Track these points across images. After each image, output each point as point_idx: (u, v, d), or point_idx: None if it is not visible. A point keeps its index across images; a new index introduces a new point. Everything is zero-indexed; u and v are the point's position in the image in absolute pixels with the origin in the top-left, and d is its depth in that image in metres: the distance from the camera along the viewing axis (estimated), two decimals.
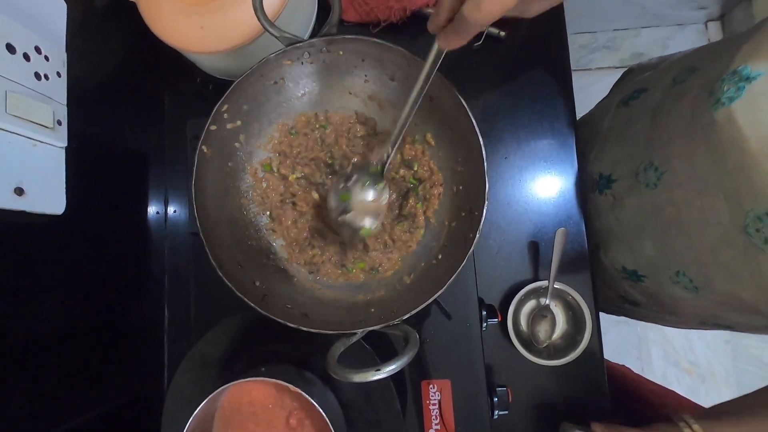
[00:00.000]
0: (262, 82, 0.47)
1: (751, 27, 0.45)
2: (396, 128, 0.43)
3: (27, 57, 0.41)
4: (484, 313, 0.55)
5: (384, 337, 0.53)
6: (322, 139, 0.51)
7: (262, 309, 0.41)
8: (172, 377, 0.54)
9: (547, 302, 0.58)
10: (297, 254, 0.50)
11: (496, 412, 0.53)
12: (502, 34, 0.61)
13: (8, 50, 0.39)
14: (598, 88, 1.46)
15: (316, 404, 0.42)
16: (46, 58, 0.43)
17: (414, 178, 0.50)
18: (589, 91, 1.46)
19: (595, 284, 0.60)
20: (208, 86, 0.63)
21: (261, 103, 0.48)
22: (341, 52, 0.47)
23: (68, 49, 0.46)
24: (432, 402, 0.53)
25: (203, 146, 0.44)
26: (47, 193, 0.42)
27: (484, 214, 0.42)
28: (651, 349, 1.41)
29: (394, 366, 0.35)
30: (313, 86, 0.50)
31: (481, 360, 0.54)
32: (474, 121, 0.43)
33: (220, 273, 0.42)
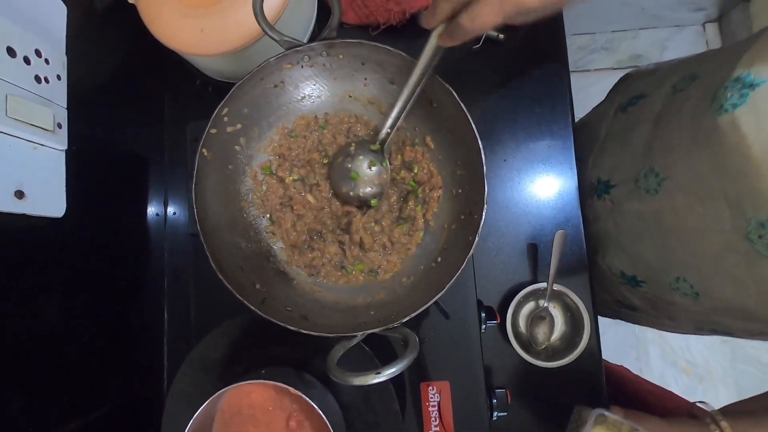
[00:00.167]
0: (263, 85, 0.47)
1: (752, 35, 0.45)
2: (395, 108, 0.45)
3: (27, 60, 0.41)
4: (483, 315, 0.55)
5: (383, 339, 0.53)
6: (319, 140, 0.52)
7: (262, 312, 0.41)
8: (171, 379, 0.55)
9: (546, 304, 0.58)
10: (297, 257, 0.50)
11: (495, 413, 0.53)
12: (501, 36, 0.62)
13: (8, 53, 0.39)
14: (596, 90, 1.46)
15: (316, 407, 0.42)
16: (46, 61, 0.43)
17: (414, 180, 0.50)
18: (587, 92, 1.47)
19: (594, 286, 0.60)
20: (208, 88, 0.63)
21: (261, 106, 0.48)
22: (341, 56, 0.47)
23: (68, 52, 0.46)
24: (431, 403, 0.53)
25: (203, 149, 0.44)
26: (47, 196, 0.42)
27: (484, 217, 0.42)
28: (649, 349, 1.42)
29: (394, 369, 0.35)
30: (313, 89, 0.50)
31: (480, 362, 0.55)
32: (473, 125, 0.43)
33: (220, 276, 0.42)
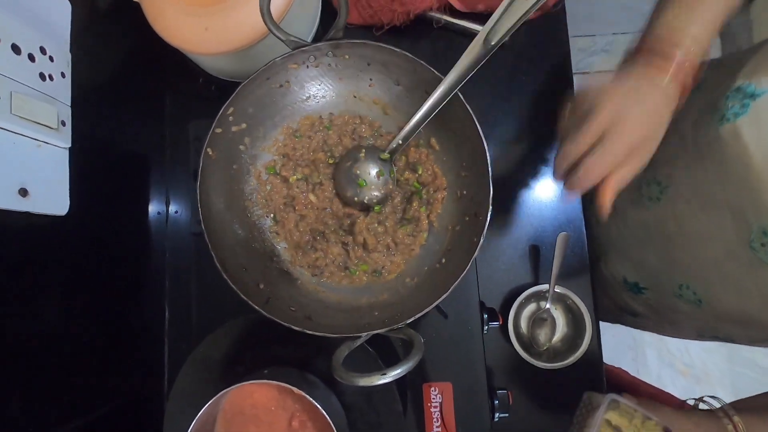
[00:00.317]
0: (268, 85, 0.47)
1: (753, 45, 0.46)
2: (411, 121, 0.46)
3: (32, 58, 0.40)
4: (486, 316, 0.56)
5: (386, 340, 0.53)
6: (324, 140, 0.52)
7: (266, 312, 0.41)
8: (172, 379, 0.54)
9: (548, 306, 0.59)
10: (300, 257, 0.50)
11: (497, 414, 0.54)
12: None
13: (13, 51, 0.39)
14: None
15: (320, 407, 0.42)
16: (50, 58, 0.42)
17: (417, 182, 0.50)
18: None
19: (595, 290, 0.60)
20: (211, 87, 0.63)
21: (266, 106, 0.48)
22: (347, 56, 0.47)
23: (72, 49, 0.45)
24: (433, 404, 0.54)
25: (208, 149, 0.44)
26: (51, 194, 0.42)
27: (489, 218, 0.42)
28: (646, 351, 1.42)
29: (399, 370, 0.35)
30: (318, 90, 0.50)
31: (482, 363, 0.55)
32: (479, 127, 0.43)
33: (224, 275, 0.42)
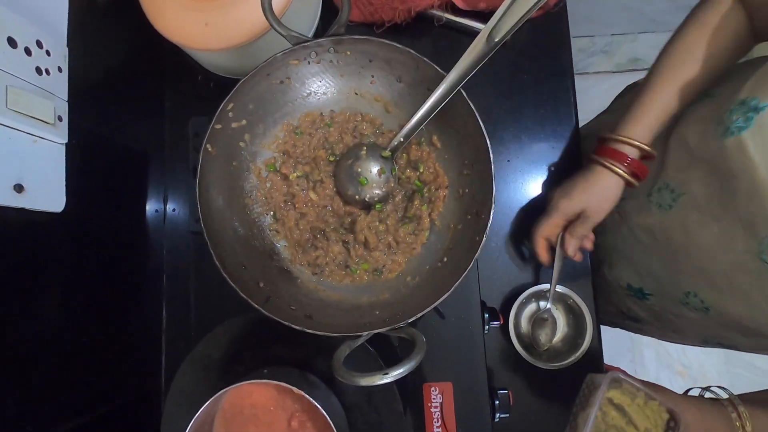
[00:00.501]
0: (268, 81, 0.46)
1: (758, 57, 0.46)
2: (413, 118, 0.45)
3: (28, 51, 0.40)
4: (486, 315, 0.55)
5: (387, 339, 0.53)
6: (325, 138, 0.51)
7: (266, 311, 0.40)
8: (169, 378, 0.54)
9: (548, 306, 0.58)
10: (300, 255, 0.49)
11: (498, 414, 0.53)
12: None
13: (9, 44, 0.38)
14: (595, 92, 1.48)
15: (320, 407, 0.41)
16: (47, 52, 0.42)
17: (419, 180, 0.50)
18: (586, 94, 1.47)
19: (596, 291, 0.60)
20: (210, 84, 0.62)
21: (267, 102, 0.48)
22: (349, 53, 0.46)
23: (70, 44, 0.45)
24: (433, 404, 0.53)
25: (208, 145, 0.44)
26: (47, 190, 0.42)
27: (491, 217, 0.42)
28: (644, 352, 1.42)
29: (401, 370, 0.34)
30: (319, 86, 0.49)
31: (482, 363, 0.54)
32: (482, 125, 0.42)
33: (224, 273, 0.41)
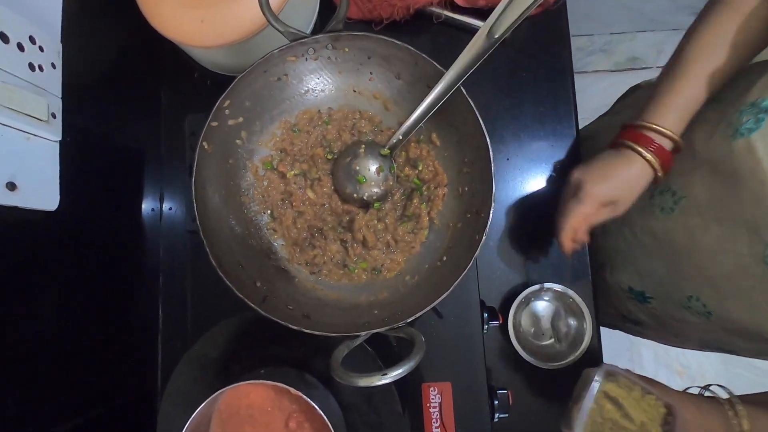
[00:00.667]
0: (265, 78, 0.46)
1: (763, 62, 0.46)
2: (413, 116, 0.45)
3: (21, 47, 0.39)
4: (486, 315, 0.55)
5: (385, 338, 0.52)
6: (323, 135, 0.51)
7: (263, 310, 0.40)
8: (165, 378, 0.53)
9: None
10: (298, 254, 0.49)
11: (497, 414, 0.53)
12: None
13: (1, 40, 0.37)
14: (594, 91, 1.48)
15: (318, 407, 0.41)
16: (40, 48, 0.41)
17: (418, 178, 0.49)
18: (585, 93, 1.47)
19: (597, 293, 0.59)
20: (207, 81, 0.61)
21: (264, 99, 0.47)
22: (347, 49, 0.46)
23: (64, 40, 0.44)
24: (432, 405, 0.53)
25: (204, 142, 0.43)
26: (40, 189, 0.41)
27: (491, 216, 0.41)
28: (642, 351, 1.43)
29: (400, 370, 0.34)
30: (317, 83, 0.49)
31: (482, 362, 0.54)
32: (482, 123, 0.42)
33: (220, 273, 0.40)
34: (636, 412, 0.41)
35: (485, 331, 0.55)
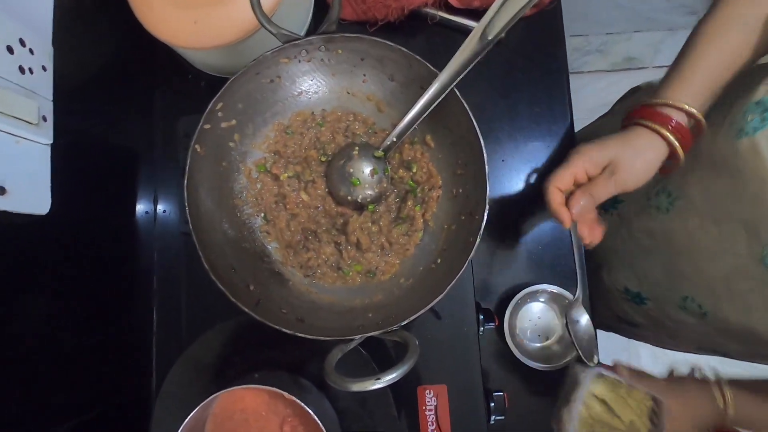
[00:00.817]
0: (258, 80, 0.45)
1: (765, 63, 0.45)
2: (406, 118, 0.44)
3: (10, 49, 0.39)
4: (481, 317, 0.55)
5: (380, 342, 0.52)
6: (317, 137, 0.50)
7: (256, 314, 0.40)
8: (159, 382, 0.53)
9: (579, 295, 0.55)
10: (292, 257, 0.49)
11: (493, 417, 0.53)
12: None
13: None
14: (590, 91, 1.48)
15: (312, 412, 0.41)
16: (30, 51, 0.41)
17: (412, 180, 0.49)
18: (581, 93, 1.47)
19: (593, 295, 0.59)
20: (200, 83, 0.61)
21: (257, 101, 0.47)
22: (340, 51, 0.46)
23: (55, 42, 0.44)
24: (428, 407, 0.53)
25: (196, 145, 0.43)
26: (31, 193, 0.41)
27: (485, 218, 0.41)
28: (640, 351, 1.42)
29: (394, 375, 0.34)
30: (311, 85, 0.49)
31: (477, 365, 0.54)
32: (476, 124, 0.42)
33: (212, 276, 0.40)
34: (624, 410, 0.42)
35: (481, 333, 0.55)
